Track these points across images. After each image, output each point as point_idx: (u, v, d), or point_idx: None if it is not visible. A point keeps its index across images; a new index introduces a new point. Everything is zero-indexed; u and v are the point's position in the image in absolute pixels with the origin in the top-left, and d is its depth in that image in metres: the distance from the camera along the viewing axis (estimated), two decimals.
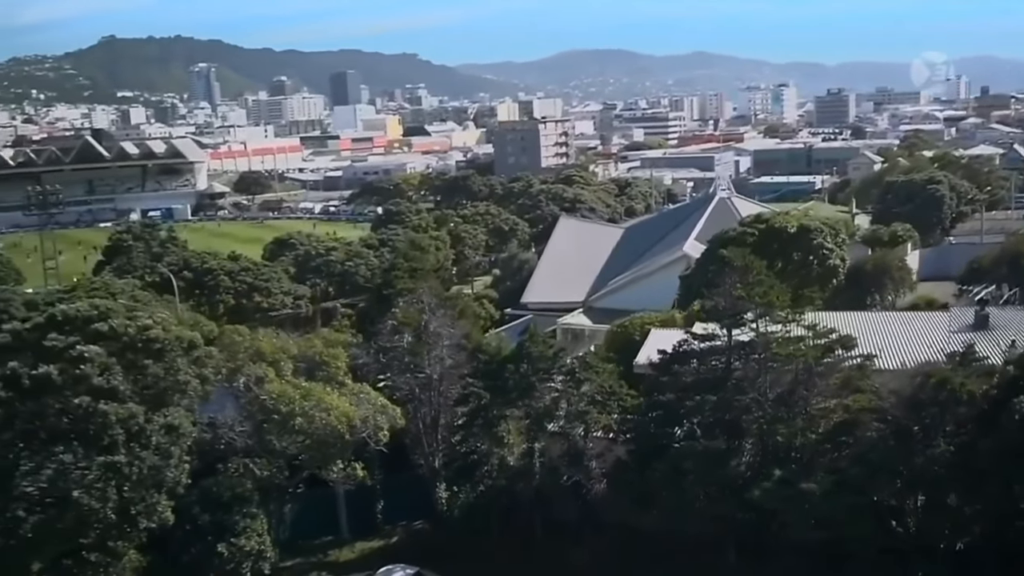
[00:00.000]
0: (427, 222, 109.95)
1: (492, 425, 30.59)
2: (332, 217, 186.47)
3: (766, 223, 53.60)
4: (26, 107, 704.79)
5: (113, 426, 24.42)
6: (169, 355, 26.16)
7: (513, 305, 74.04)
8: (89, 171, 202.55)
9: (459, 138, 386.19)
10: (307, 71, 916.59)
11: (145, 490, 25.46)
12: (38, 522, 24.05)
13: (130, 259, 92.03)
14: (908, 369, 29.05)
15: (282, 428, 28.66)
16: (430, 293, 33.49)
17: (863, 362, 28.06)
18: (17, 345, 25.89)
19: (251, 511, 28.43)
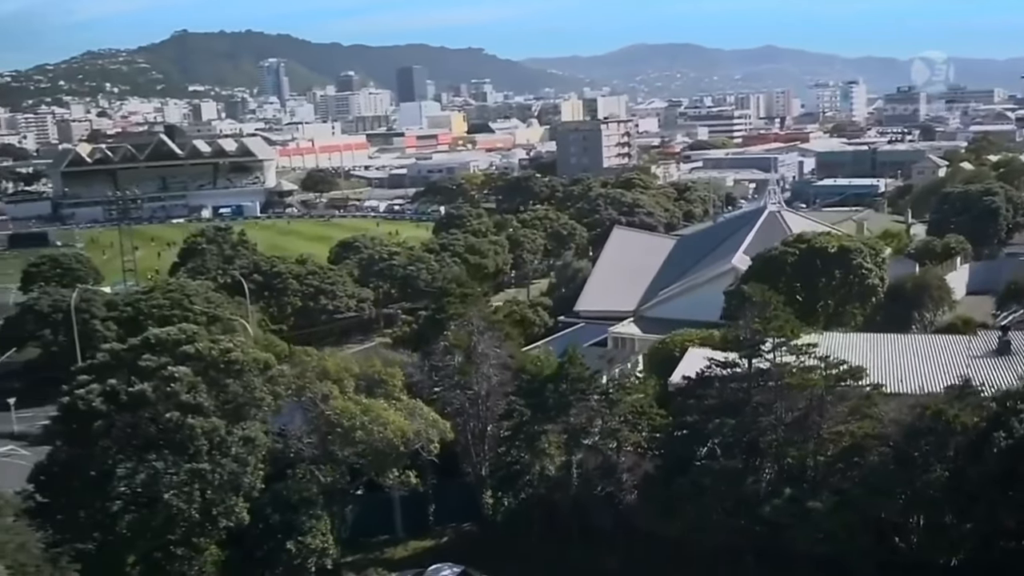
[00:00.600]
0: (487, 226, 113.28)
1: (533, 439, 33.87)
2: (396, 216, 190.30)
3: (807, 243, 55.80)
4: (100, 100, 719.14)
5: (198, 437, 28.15)
6: (247, 375, 29.78)
7: (566, 312, 76.75)
8: (163, 168, 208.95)
9: (523, 135, 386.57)
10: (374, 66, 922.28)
11: (225, 493, 29.23)
12: (132, 520, 27.91)
13: (204, 261, 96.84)
14: (921, 395, 31.49)
15: (344, 439, 32.23)
16: (479, 317, 36.85)
17: (871, 391, 30.56)
18: (115, 363, 29.71)
19: (316, 512, 32.05)
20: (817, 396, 30.34)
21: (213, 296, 79.85)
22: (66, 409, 29.98)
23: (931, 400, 28.18)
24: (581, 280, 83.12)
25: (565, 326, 74.11)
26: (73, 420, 29.48)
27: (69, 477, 29.12)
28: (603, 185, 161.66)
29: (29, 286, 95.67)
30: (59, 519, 27.83)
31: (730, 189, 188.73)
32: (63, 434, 30.23)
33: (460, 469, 37.62)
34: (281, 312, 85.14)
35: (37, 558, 24.19)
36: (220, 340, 30.97)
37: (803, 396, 30.57)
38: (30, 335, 78.42)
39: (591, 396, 33.81)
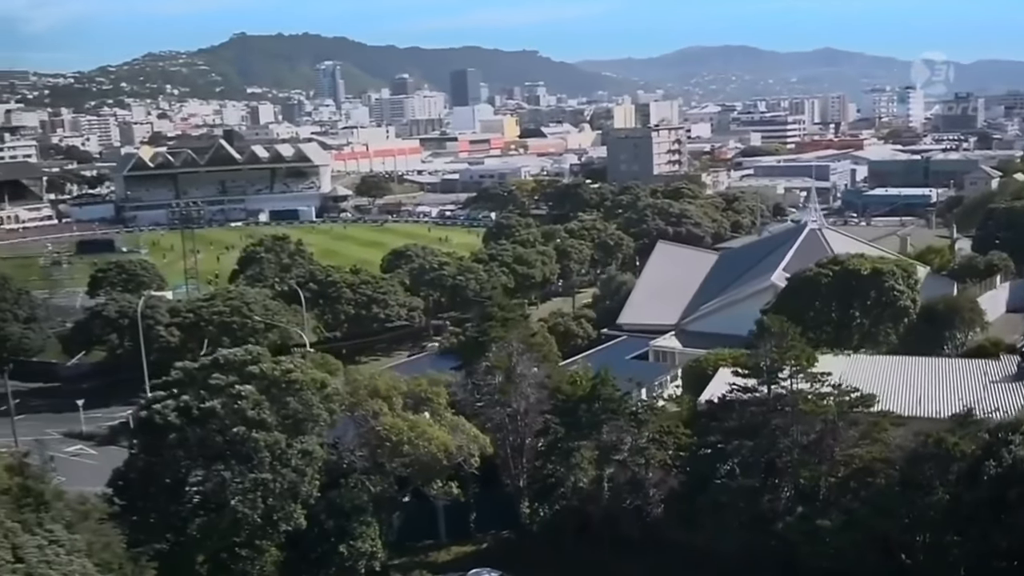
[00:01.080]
0: (535, 237, 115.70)
1: (567, 454, 36.57)
2: (448, 221, 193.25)
3: (841, 265, 57.60)
4: (160, 102, 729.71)
5: (262, 450, 31.23)
6: (305, 393, 32.79)
7: (609, 325, 78.87)
8: (222, 173, 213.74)
9: (574, 140, 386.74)
10: (429, 68, 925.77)
11: (285, 500, 32.32)
12: (202, 523, 31.10)
13: (262, 269, 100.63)
14: (934, 419, 33.54)
15: (393, 453, 35.20)
16: (519, 340, 39.62)
17: (880, 417, 32.70)
18: (188, 380, 32.89)
19: (366, 519, 35.02)
20: (830, 421, 32.60)
21: (271, 304, 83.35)
22: (144, 422, 33.32)
23: (934, 427, 30.25)
24: (625, 293, 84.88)
25: (608, 339, 76.24)
26: (150, 432, 32.78)
27: (145, 483, 32.47)
28: (652, 193, 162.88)
29: (96, 290, 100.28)
30: (136, 521, 31.01)
31: (780, 198, 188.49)
32: (140, 444, 33.54)
33: (500, 480, 40.37)
34: (335, 320, 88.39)
35: (120, 556, 27.30)
36: (282, 361, 34.08)
37: (818, 421, 32.83)
38: (98, 339, 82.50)
39: (621, 416, 36.36)
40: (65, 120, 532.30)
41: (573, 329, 77.81)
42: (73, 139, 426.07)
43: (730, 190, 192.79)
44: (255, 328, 79.69)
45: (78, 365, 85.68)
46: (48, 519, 24.71)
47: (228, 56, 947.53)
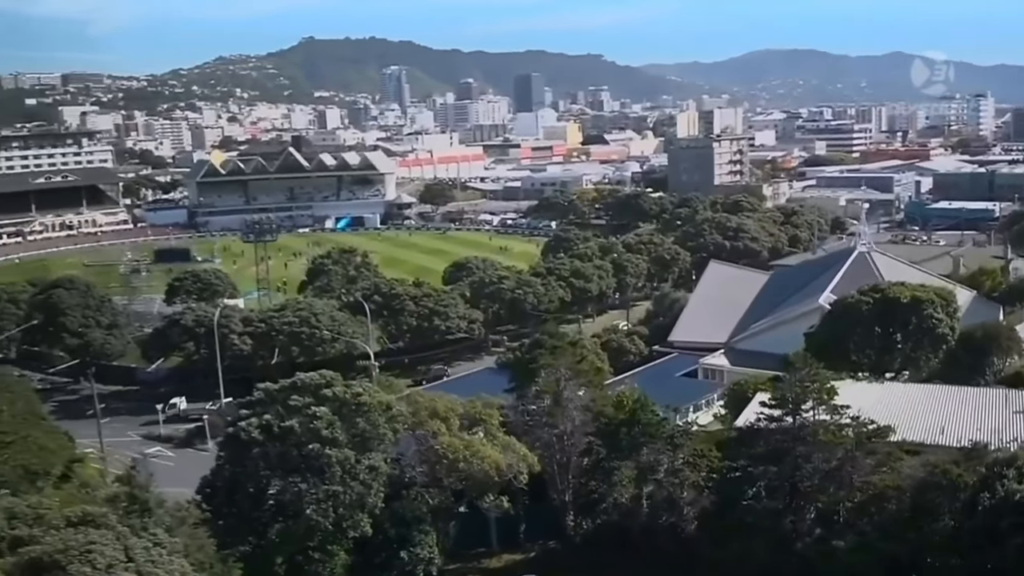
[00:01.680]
0: (592, 251, 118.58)
1: (609, 473, 39.96)
2: (509, 230, 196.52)
3: (882, 293, 59.87)
4: (231, 105, 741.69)
5: (334, 465, 35.15)
6: (373, 414, 36.64)
7: (661, 342, 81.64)
8: (290, 180, 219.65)
9: (637, 147, 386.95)
10: (493, 72, 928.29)
11: (353, 510, 36.20)
12: (280, 529, 35.10)
13: (329, 280, 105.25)
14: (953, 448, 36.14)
15: (449, 469, 38.99)
16: (566, 367, 43.09)
17: (893, 448, 35.47)
18: (269, 400, 36.92)
19: (425, 528, 38.89)
20: (849, 450, 35.45)
21: (337, 315, 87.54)
22: (230, 437, 37.43)
23: (941, 459, 32.97)
24: (677, 310, 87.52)
25: (659, 356, 79.13)
26: (235, 446, 36.88)
27: (231, 491, 36.58)
28: (711, 205, 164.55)
29: (173, 298, 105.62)
30: (222, 525, 34.99)
31: (842, 210, 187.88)
32: (227, 456, 37.63)
33: (547, 494, 43.81)
34: (398, 330, 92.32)
35: (212, 557, 31.28)
36: (352, 385, 37.97)
37: (838, 449, 35.70)
38: (175, 346, 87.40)
39: (658, 439, 39.59)
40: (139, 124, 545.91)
41: (626, 345, 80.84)
42: (147, 143, 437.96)
43: (791, 202, 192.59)
44: (322, 338, 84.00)
45: (156, 369, 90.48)
46: (151, 523, 28.72)
47: (296, 60, 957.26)
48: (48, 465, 56.29)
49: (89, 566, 24.28)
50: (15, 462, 53.13)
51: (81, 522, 26.67)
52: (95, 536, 25.59)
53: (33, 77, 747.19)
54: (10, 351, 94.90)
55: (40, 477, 54.39)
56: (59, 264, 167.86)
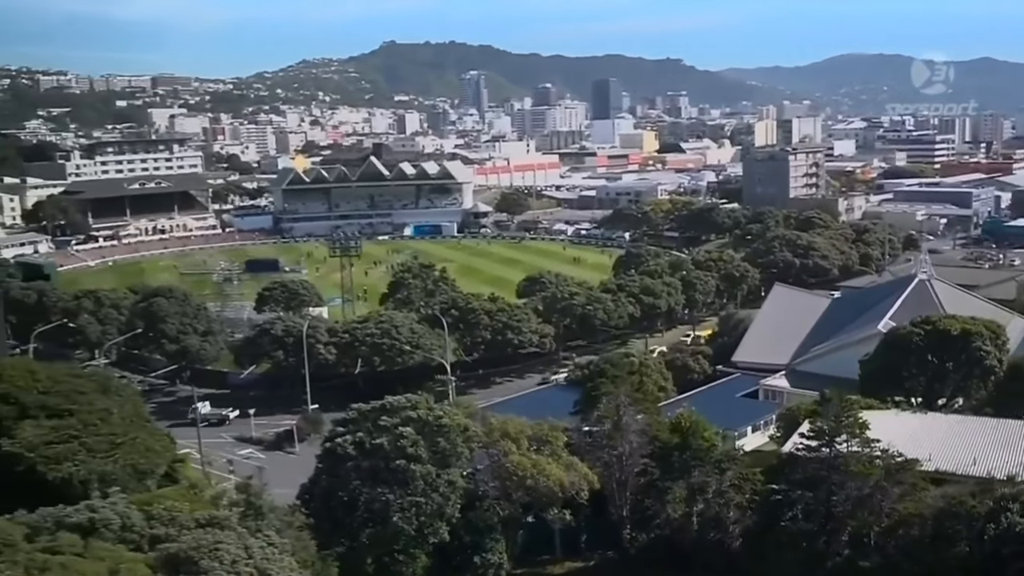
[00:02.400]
0: (662, 267, 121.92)
1: (662, 492, 44.32)
2: (582, 240, 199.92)
3: (932, 325, 62.72)
4: (313, 108, 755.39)
5: (417, 479, 40.16)
6: (452, 434, 41.57)
7: (724, 362, 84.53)
8: (371, 188, 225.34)
9: (713, 155, 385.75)
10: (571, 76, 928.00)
11: (433, 519, 41.26)
12: (370, 533, 40.20)
13: (409, 294, 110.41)
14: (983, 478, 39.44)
15: (518, 484, 43.79)
16: (625, 395, 47.50)
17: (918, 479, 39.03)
18: (361, 419, 42.03)
19: (496, 536, 43.76)
20: (879, 480, 39.11)
21: (416, 327, 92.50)
22: (328, 451, 42.68)
23: (959, 491, 36.49)
24: (742, 331, 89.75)
25: (722, 375, 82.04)
26: (332, 459, 42.13)
27: (327, 499, 41.82)
28: (784, 219, 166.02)
29: (262, 306, 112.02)
30: (320, 528, 40.06)
31: (919, 224, 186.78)
32: (324, 468, 42.86)
33: (606, 509, 48.17)
34: (473, 343, 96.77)
35: (313, 556, 36.36)
36: (435, 408, 42.95)
37: (869, 479, 39.38)
38: (265, 353, 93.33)
39: (707, 463, 43.73)
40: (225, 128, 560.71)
41: (690, 364, 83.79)
42: (233, 147, 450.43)
43: (866, 217, 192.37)
44: (402, 350, 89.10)
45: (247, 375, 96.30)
46: (265, 526, 33.84)
47: (377, 63, 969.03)
48: (154, 465, 61.57)
49: (217, 562, 29.36)
50: (125, 461, 58.28)
51: (208, 524, 31.89)
52: (221, 536, 30.73)
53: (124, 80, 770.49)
54: (111, 354, 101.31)
55: (147, 476, 59.86)
56: (152, 267, 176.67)
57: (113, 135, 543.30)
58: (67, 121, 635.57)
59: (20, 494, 38.08)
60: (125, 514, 32.34)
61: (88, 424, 58.89)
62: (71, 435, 57.10)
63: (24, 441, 55.25)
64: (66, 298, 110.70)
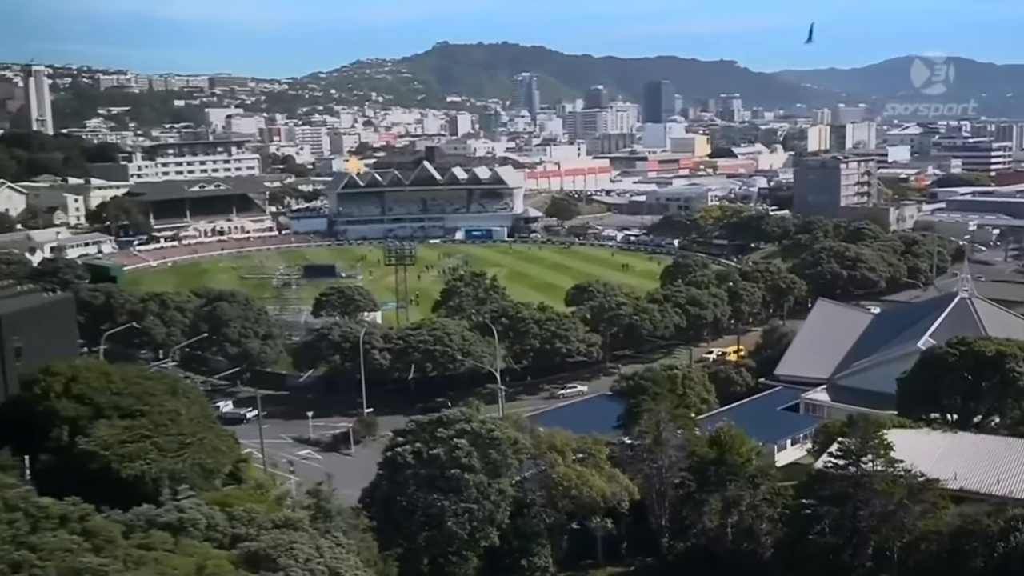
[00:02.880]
0: (709, 278, 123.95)
1: (699, 504, 47.24)
2: (631, 246, 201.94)
3: (968, 346, 64.59)
4: (366, 109, 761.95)
5: (470, 487, 43.56)
6: (503, 446, 44.86)
7: (767, 375, 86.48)
8: (423, 192, 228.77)
9: (765, 160, 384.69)
10: (624, 78, 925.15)
11: (484, 524, 44.69)
12: (426, 536, 43.79)
13: (461, 302, 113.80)
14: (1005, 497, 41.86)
15: (563, 494, 47.02)
16: (665, 411, 50.41)
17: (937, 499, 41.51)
18: (418, 430, 45.49)
19: (542, 541, 47.02)
20: (901, 498, 41.66)
21: (467, 335, 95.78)
22: (388, 460, 46.22)
23: (976, 510, 38.95)
24: (785, 344, 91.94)
25: (764, 388, 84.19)
26: (392, 467, 45.65)
27: (387, 504, 45.32)
28: (834, 229, 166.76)
29: (319, 311, 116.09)
30: (381, 530, 43.55)
31: (971, 234, 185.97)
32: (385, 475, 46.40)
33: (646, 518, 51.12)
34: (522, 351, 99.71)
35: (375, 556, 39.81)
36: (487, 422, 46.31)
37: (892, 497, 41.94)
38: (323, 357, 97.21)
39: (741, 478, 46.55)
40: (281, 129, 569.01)
41: (733, 377, 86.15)
42: (288, 148, 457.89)
43: (916, 227, 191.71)
44: (453, 356, 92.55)
45: (305, 378, 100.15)
46: (333, 528, 37.32)
47: (430, 64, 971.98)
48: (220, 464, 65.06)
49: (293, 560, 32.82)
50: (193, 460, 61.69)
51: (284, 524, 35.40)
52: (295, 536, 34.22)
53: (182, 79, 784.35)
54: (175, 355, 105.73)
55: (213, 475, 63.50)
56: (211, 268, 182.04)
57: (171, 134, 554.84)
58: (126, 120, 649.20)
59: (96, 490, 40.86)
60: (210, 514, 35.90)
61: (159, 424, 62.36)
62: (143, 434, 60.55)
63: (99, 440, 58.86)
64: (133, 300, 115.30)
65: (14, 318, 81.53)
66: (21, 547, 27.58)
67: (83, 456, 57.49)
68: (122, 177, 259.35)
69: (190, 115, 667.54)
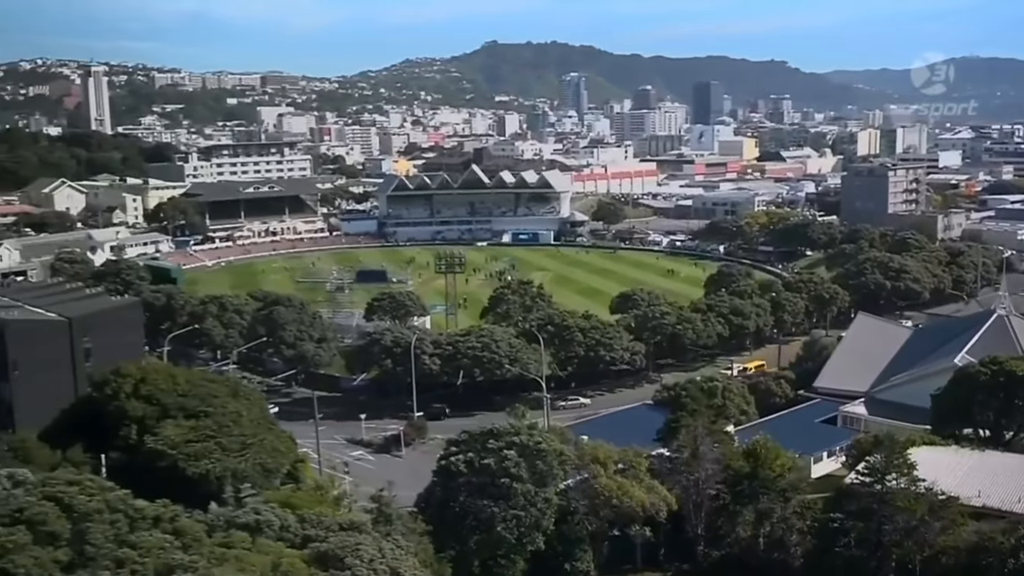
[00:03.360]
0: (752, 288, 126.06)
1: (733, 515, 50.15)
2: (676, 251, 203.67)
3: (1000, 365, 66.55)
4: (415, 108, 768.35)
5: (518, 495, 46.86)
6: (549, 458, 48.10)
7: (806, 387, 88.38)
8: (472, 195, 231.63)
9: (814, 165, 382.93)
10: (672, 77, 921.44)
11: (531, 530, 47.99)
12: (477, 540, 47.22)
13: (508, 309, 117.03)
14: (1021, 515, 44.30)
15: (605, 503, 50.17)
16: (703, 427, 53.41)
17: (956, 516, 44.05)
18: (469, 440, 48.84)
19: (584, 547, 50.26)
20: (923, 515, 44.29)
21: (514, 342, 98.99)
22: (442, 468, 49.73)
23: (992, 528, 41.53)
24: (824, 357, 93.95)
25: (803, 400, 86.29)
26: (446, 475, 49.16)
27: (441, 509, 48.78)
28: (881, 237, 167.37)
29: (371, 315, 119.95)
30: (435, 534, 46.98)
31: (1019, 245, 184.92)
32: (439, 482, 49.90)
33: (683, 527, 54.10)
34: (567, 358, 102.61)
35: (431, 558, 43.24)
36: (534, 434, 49.58)
37: (914, 513, 44.59)
38: (375, 362, 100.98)
39: (772, 492, 49.41)
40: (331, 129, 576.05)
41: (773, 388, 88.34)
42: (339, 148, 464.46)
43: (964, 236, 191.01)
44: (500, 363, 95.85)
45: (358, 380, 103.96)
46: (393, 531, 40.78)
47: (478, 63, 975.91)
48: (279, 464, 68.57)
49: (359, 560, 36.26)
50: (255, 460, 65.19)
51: (350, 527, 38.90)
52: (360, 538, 37.70)
53: (234, 78, 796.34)
54: (233, 357, 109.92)
55: (273, 474, 67.09)
56: (264, 269, 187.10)
57: (224, 133, 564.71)
58: (180, 118, 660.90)
59: (163, 487, 43.64)
60: (283, 516, 39.50)
61: (222, 425, 65.98)
62: (207, 435, 64.19)
63: (167, 439, 62.79)
64: (193, 302, 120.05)
65: (84, 321, 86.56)
66: (123, 545, 31.17)
67: (151, 454, 61.23)
68: (178, 177, 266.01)
69: (242, 113, 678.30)
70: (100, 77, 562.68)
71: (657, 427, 62.64)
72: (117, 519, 32.39)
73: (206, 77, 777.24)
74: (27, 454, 63.15)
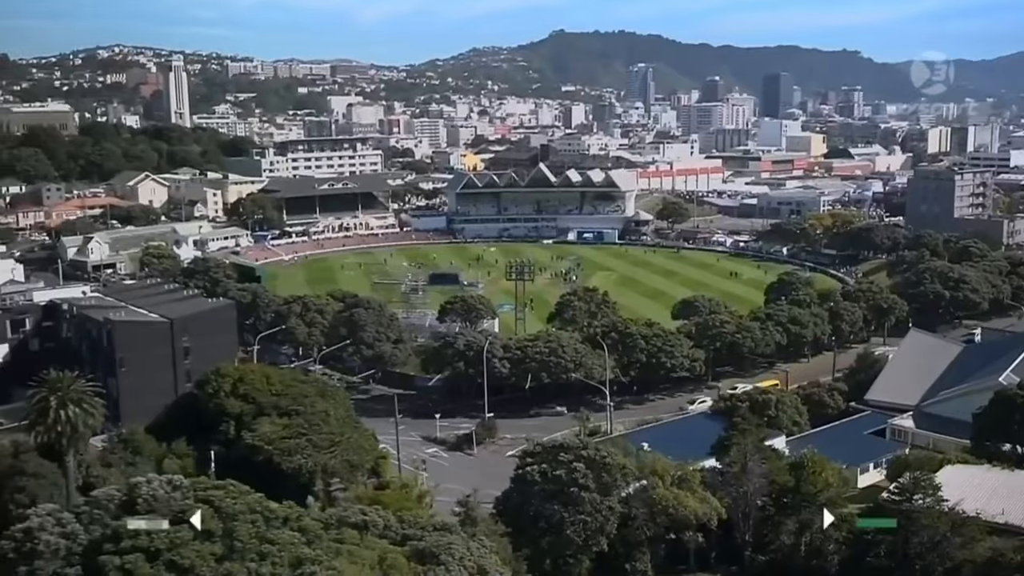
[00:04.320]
0: (811, 297, 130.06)
1: (777, 525, 56.05)
2: (739, 252, 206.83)
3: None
4: (482, 98, 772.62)
5: (585, 503, 53.22)
6: (613, 470, 54.33)
7: (858, 399, 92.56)
8: (538, 193, 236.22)
9: (883, 162, 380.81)
10: (741, 67, 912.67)
11: (595, 533, 54.47)
12: (549, 541, 53.76)
13: (574, 315, 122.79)
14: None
15: (662, 511, 56.26)
16: (752, 445, 59.28)
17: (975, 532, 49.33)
18: (543, 452, 55.48)
19: (643, 550, 56.62)
20: (945, 530, 49.70)
21: (579, 347, 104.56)
22: (519, 476, 56.27)
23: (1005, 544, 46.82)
24: (877, 370, 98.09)
25: (855, 411, 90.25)
26: (522, 482, 55.74)
27: (516, 512, 55.28)
28: (944, 243, 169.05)
29: (443, 316, 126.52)
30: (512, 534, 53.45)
31: None
32: (515, 488, 56.46)
33: (732, 534, 60.04)
34: (629, 364, 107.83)
35: (509, 556, 49.66)
36: (600, 449, 55.87)
37: (937, 529, 50.02)
38: (448, 363, 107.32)
39: (812, 505, 55.16)
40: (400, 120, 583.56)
41: (825, 400, 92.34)
42: (407, 141, 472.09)
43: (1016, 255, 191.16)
44: (566, 367, 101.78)
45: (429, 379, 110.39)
46: (478, 532, 47.33)
47: (545, 53, 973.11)
48: (363, 461, 75.16)
49: (451, 557, 42.77)
50: (342, 457, 71.82)
51: (442, 528, 45.52)
52: (451, 538, 44.25)
53: (305, 67, 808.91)
54: (316, 356, 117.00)
55: (358, 470, 73.76)
56: (338, 264, 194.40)
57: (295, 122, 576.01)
58: (252, 106, 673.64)
59: (259, 479, 47.80)
60: (386, 517, 46.18)
61: (312, 423, 72.89)
62: (299, 432, 71.08)
63: (263, 436, 69.86)
64: (277, 300, 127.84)
65: (184, 322, 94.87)
66: (263, 541, 37.92)
67: (249, 449, 68.55)
68: (255, 172, 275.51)
69: (312, 102, 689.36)
70: (180, 71, 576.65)
71: (712, 437, 68.32)
72: (256, 519, 39.05)
73: (277, 66, 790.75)
74: (137, 445, 70.97)
